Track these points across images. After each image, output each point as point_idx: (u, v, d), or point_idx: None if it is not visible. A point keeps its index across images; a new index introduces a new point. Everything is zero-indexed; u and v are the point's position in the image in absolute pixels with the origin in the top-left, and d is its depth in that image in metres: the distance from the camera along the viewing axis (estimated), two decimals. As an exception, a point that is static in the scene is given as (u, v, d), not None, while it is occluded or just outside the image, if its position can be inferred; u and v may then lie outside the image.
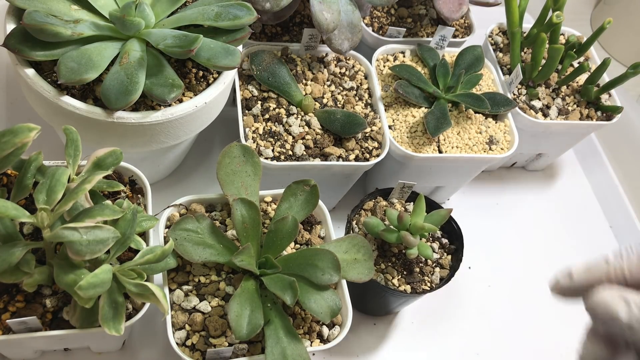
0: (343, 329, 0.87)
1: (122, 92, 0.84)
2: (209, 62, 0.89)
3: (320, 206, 0.95)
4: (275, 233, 0.85)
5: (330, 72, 1.15)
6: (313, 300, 0.82)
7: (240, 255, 0.81)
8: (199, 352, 0.82)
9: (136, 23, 0.88)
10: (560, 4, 1.19)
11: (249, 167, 0.91)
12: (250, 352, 0.82)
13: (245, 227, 0.85)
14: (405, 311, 1.15)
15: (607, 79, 1.25)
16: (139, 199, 0.91)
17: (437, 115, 1.09)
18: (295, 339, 0.81)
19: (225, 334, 0.83)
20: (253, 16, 0.93)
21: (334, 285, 0.90)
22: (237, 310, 0.77)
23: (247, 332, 0.77)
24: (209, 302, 0.85)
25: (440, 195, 1.27)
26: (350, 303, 0.88)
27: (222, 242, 0.86)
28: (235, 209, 0.84)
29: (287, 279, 0.81)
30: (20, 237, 0.72)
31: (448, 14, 1.21)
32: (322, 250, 0.85)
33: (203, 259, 0.83)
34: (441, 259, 1.01)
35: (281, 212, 0.89)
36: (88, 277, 0.67)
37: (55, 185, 0.70)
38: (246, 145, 0.91)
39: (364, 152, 1.06)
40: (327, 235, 0.95)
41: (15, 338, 0.77)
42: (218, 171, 0.89)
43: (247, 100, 1.06)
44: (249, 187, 0.90)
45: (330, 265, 0.84)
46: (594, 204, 1.42)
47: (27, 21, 0.80)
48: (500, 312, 1.19)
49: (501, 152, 1.13)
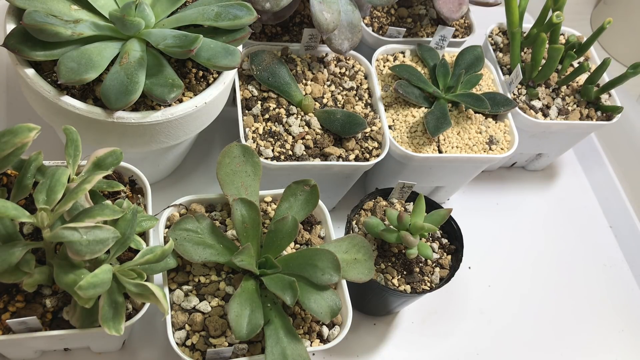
0: (343, 329, 0.87)
1: (122, 92, 0.85)
2: (209, 62, 0.89)
3: (320, 206, 0.95)
4: (275, 233, 0.85)
5: (330, 72, 1.15)
6: (313, 300, 0.82)
7: (240, 255, 0.81)
8: (199, 352, 0.82)
9: (136, 23, 0.88)
10: (560, 4, 1.19)
11: (249, 167, 0.91)
12: (250, 352, 0.82)
13: (245, 227, 0.85)
14: (405, 311, 1.15)
15: (607, 79, 1.25)
16: (139, 199, 0.91)
17: (437, 115, 1.09)
18: (295, 339, 0.81)
19: (225, 334, 0.83)
20: (253, 16, 0.93)
21: (334, 285, 0.90)
22: (237, 310, 0.77)
23: (247, 332, 0.77)
24: (209, 302, 0.85)
25: (440, 195, 1.27)
26: (350, 303, 0.88)
27: (222, 242, 0.86)
28: (235, 209, 0.84)
29: (287, 279, 0.81)
30: (20, 237, 0.72)
31: (448, 14, 1.21)
32: (322, 250, 0.85)
33: (203, 259, 0.83)
34: (441, 259, 1.01)
35: (281, 212, 0.89)
36: (88, 277, 0.67)
37: (55, 185, 0.70)
38: (246, 145, 0.91)
39: (364, 152, 1.06)
40: (327, 235, 0.95)
41: (15, 338, 0.77)
42: (218, 171, 0.89)
43: (247, 100, 1.06)
44: (249, 187, 0.90)
45: (330, 265, 0.84)
46: (594, 204, 1.42)
47: (27, 21, 0.80)
48: (500, 312, 1.19)
49: (501, 152, 1.13)
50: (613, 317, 1.24)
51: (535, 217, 1.35)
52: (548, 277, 1.27)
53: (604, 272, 1.31)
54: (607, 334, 1.22)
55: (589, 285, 1.28)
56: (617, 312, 1.25)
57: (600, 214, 1.41)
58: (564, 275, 1.28)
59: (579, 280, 1.28)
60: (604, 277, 1.30)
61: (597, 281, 1.29)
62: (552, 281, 1.26)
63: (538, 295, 1.24)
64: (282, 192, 0.91)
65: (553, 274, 1.27)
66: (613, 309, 1.26)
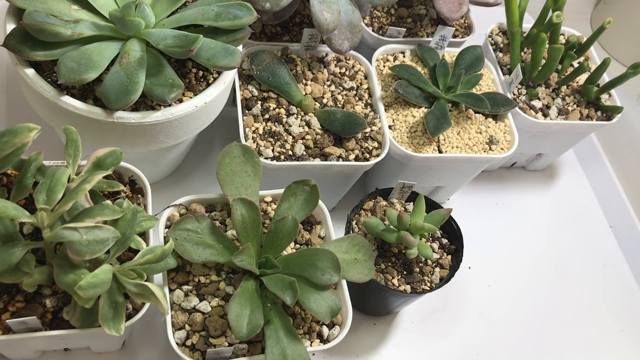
0: (343, 329, 0.87)
1: (122, 92, 0.85)
2: (209, 62, 0.89)
3: (320, 206, 0.95)
4: (275, 233, 0.85)
5: (330, 72, 1.15)
6: (313, 300, 0.82)
7: (240, 255, 0.81)
8: (199, 352, 0.81)
9: (136, 23, 0.88)
10: (560, 4, 1.19)
11: (249, 167, 0.91)
12: (250, 352, 0.82)
13: (246, 227, 0.85)
14: (405, 311, 1.15)
15: (607, 79, 1.25)
16: (139, 199, 0.91)
17: (437, 115, 1.09)
18: (295, 339, 0.81)
19: (225, 334, 0.83)
20: (253, 16, 0.93)
21: (334, 285, 0.90)
22: (237, 310, 0.77)
23: (247, 332, 0.77)
24: (209, 302, 0.85)
25: (440, 195, 1.27)
26: (350, 303, 0.88)
27: (222, 242, 0.86)
28: (235, 209, 0.84)
29: (287, 279, 0.81)
30: (20, 237, 0.72)
31: (448, 14, 1.21)
32: (322, 250, 0.85)
33: (203, 259, 0.83)
34: (441, 259, 1.01)
35: (281, 212, 0.89)
36: (88, 277, 0.67)
37: (55, 185, 0.70)
38: (246, 145, 0.91)
39: (364, 152, 1.06)
40: (327, 235, 0.95)
41: (15, 338, 0.77)
42: (218, 171, 0.89)
43: (247, 100, 1.06)
44: (249, 187, 0.90)
45: (330, 265, 0.84)
46: (594, 204, 1.42)
47: (27, 21, 0.80)
48: (500, 312, 1.19)
49: (501, 152, 1.13)
50: (613, 317, 1.24)
51: (535, 217, 1.35)
52: (548, 277, 1.27)
53: (603, 272, 1.31)
54: (607, 334, 1.22)
55: (589, 285, 1.28)
56: (617, 312, 1.25)
57: (600, 214, 1.41)
58: (564, 275, 1.28)
59: (579, 280, 1.28)
60: (604, 277, 1.30)
61: (597, 281, 1.29)
62: (552, 281, 1.26)
63: (538, 295, 1.24)
64: (282, 192, 0.91)
65: (553, 274, 1.27)
66: (613, 309, 1.26)
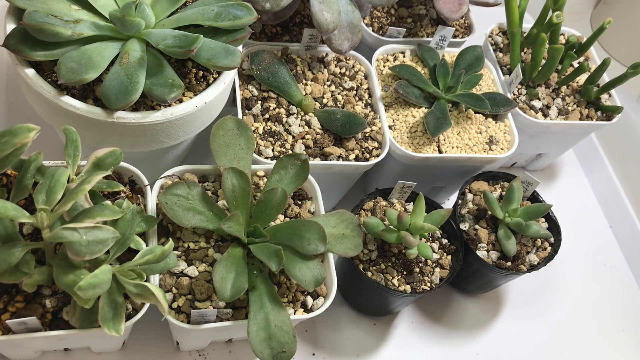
0: (327, 299, 0.88)
1: (122, 92, 0.84)
2: (209, 62, 0.89)
3: (311, 181, 0.96)
4: (265, 203, 0.87)
5: (330, 72, 1.15)
6: (298, 268, 0.84)
7: (228, 221, 0.82)
8: (184, 314, 0.83)
9: (136, 23, 0.87)
10: (560, 4, 1.19)
11: (242, 141, 0.92)
12: (235, 317, 0.84)
13: (235, 196, 0.86)
14: (405, 311, 1.15)
15: (607, 79, 1.25)
16: (138, 199, 0.91)
17: (437, 115, 1.09)
18: (279, 306, 0.82)
19: (210, 298, 0.84)
20: (253, 16, 0.93)
21: (321, 258, 0.91)
22: (222, 273, 0.79)
23: (230, 294, 0.78)
24: (196, 267, 0.86)
25: (440, 195, 1.27)
26: (335, 275, 0.89)
27: (212, 209, 0.87)
28: (226, 177, 0.85)
29: (274, 247, 0.82)
30: (20, 237, 0.72)
31: (448, 14, 1.21)
32: (309, 222, 0.86)
33: (193, 224, 0.84)
34: (441, 259, 1.01)
35: (271, 184, 0.90)
36: (88, 277, 0.67)
37: (55, 185, 0.70)
38: (240, 119, 0.93)
39: (364, 152, 1.06)
40: (317, 210, 0.96)
41: (15, 338, 0.77)
42: (212, 142, 0.90)
43: (247, 100, 1.06)
44: (241, 160, 0.91)
45: (317, 236, 0.85)
46: (594, 204, 1.42)
47: (27, 21, 0.80)
48: (500, 312, 1.19)
49: (501, 152, 1.13)
50: (613, 317, 1.24)
51: (535, 217, 1.35)
52: (548, 277, 1.26)
53: (603, 272, 1.31)
54: (607, 334, 1.22)
55: (589, 285, 1.28)
56: (617, 312, 1.25)
57: (600, 214, 1.41)
58: (564, 275, 1.28)
59: (579, 280, 1.28)
60: (604, 277, 1.30)
61: (597, 281, 1.29)
62: (552, 281, 1.26)
63: (538, 295, 1.24)
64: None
65: (553, 273, 1.27)
66: (613, 309, 1.26)
